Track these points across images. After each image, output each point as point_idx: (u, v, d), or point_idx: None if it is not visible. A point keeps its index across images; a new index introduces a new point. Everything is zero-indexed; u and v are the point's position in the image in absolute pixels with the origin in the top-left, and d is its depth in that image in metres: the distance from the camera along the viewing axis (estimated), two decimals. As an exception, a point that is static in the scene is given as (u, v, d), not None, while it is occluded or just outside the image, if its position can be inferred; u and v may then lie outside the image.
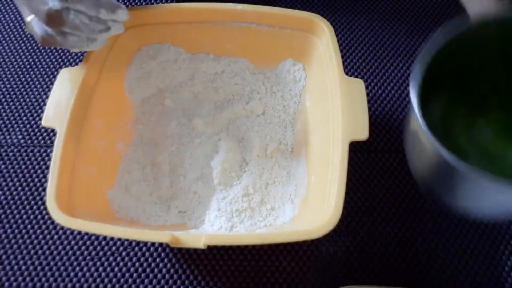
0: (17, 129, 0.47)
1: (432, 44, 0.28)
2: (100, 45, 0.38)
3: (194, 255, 0.41)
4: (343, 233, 0.42)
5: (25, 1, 0.34)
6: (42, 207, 0.43)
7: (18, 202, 0.43)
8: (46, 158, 0.45)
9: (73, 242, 0.41)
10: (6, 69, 0.50)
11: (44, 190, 0.43)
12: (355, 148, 0.46)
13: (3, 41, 0.52)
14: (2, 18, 0.54)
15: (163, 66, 0.46)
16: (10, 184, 0.44)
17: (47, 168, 0.44)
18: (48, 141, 0.46)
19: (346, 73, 0.40)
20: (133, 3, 0.55)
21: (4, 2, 0.55)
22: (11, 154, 0.45)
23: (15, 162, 0.45)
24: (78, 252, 0.41)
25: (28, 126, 0.47)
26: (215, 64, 0.47)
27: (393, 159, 0.45)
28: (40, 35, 0.35)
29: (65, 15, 0.34)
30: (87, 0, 0.34)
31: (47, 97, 0.47)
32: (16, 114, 0.48)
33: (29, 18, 0.36)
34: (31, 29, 0.36)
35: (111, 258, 0.41)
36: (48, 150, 0.45)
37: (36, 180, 0.44)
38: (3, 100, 0.48)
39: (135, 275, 0.40)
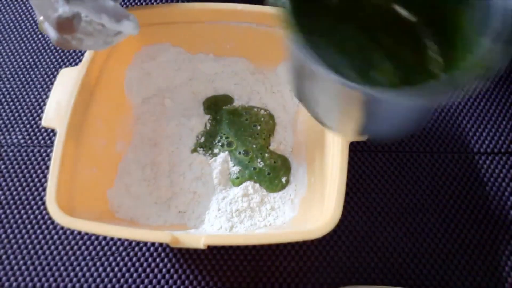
0: (17, 129, 0.47)
1: None
2: (117, 42, 0.37)
3: (194, 255, 0.41)
4: (343, 233, 0.42)
5: (36, 4, 0.33)
6: (42, 207, 0.43)
7: (18, 202, 0.43)
8: (46, 158, 0.45)
9: (73, 242, 0.41)
10: (6, 69, 0.50)
11: (44, 190, 0.43)
12: (355, 148, 0.46)
13: (3, 41, 0.52)
14: (2, 18, 0.54)
15: (163, 66, 0.46)
16: (10, 184, 0.44)
17: (47, 168, 0.44)
18: (48, 141, 0.46)
19: (346, 73, 0.40)
20: (133, 3, 0.55)
21: (4, 2, 0.55)
22: (11, 154, 0.45)
23: (15, 162, 0.45)
24: (78, 252, 0.41)
25: (28, 126, 0.47)
26: (215, 64, 0.47)
27: (393, 159, 0.45)
28: (54, 38, 0.34)
29: (76, 22, 0.32)
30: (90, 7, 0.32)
31: (47, 97, 0.47)
32: (16, 114, 0.48)
33: (42, 17, 0.34)
34: (44, 29, 0.34)
35: (111, 258, 0.41)
36: (48, 150, 0.46)
37: (36, 180, 0.44)
38: (3, 100, 0.48)
39: (135, 275, 0.40)
